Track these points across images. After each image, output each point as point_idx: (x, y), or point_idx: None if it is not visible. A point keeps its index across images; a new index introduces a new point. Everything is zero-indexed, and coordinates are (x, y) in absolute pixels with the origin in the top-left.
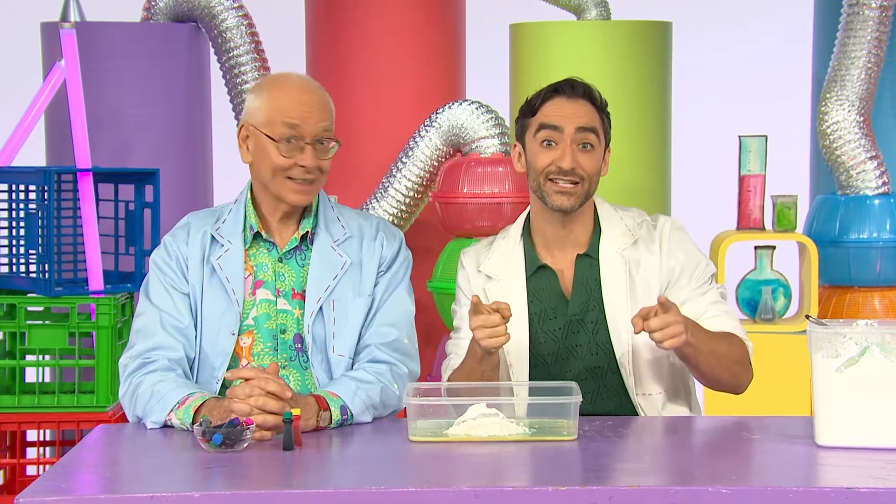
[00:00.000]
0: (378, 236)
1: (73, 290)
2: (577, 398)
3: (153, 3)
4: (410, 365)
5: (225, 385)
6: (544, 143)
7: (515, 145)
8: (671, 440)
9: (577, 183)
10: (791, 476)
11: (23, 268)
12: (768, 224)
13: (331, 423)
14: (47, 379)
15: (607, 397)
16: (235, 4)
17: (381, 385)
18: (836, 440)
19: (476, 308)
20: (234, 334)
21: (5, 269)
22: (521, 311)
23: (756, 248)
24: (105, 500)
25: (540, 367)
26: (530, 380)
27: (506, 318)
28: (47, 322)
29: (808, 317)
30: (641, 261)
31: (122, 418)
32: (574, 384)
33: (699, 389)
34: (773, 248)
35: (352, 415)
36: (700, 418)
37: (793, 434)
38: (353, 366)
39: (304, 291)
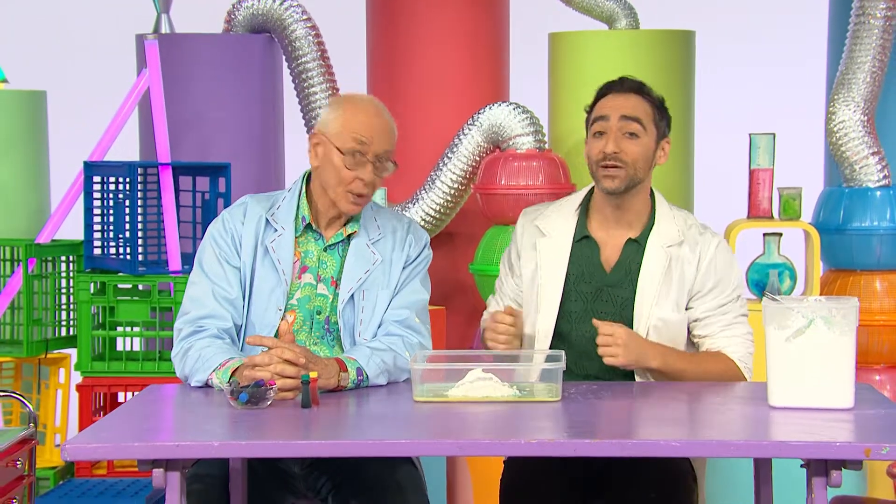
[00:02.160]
0: (408, 238)
1: (154, 270)
2: (561, 364)
3: (233, 17)
4: (419, 338)
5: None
6: (595, 135)
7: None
8: (643, 402)
9: (619, 167)
10: (739, 431)
11: (112, 250)
12: (776, 213)
13: (349, 383)
14: (135, 348)
15: (611, 368)
16: (304, 17)
17: (394, 353)
18: (786, 401)
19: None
20: (280, 310)
21: (98, 252)
22: (561, 267)
23: (764, 234)
24: (137, 447)
25: (566, 322)
26: (556, 331)
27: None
28: (135, 298)
29: (764, 293)
30: (682, 259)
31: None
32: (562, 352)
33: None
34: (780, 234)
35: (367, 376)
36: (674, 384)
37: (753, 397)
38: None
39: (339, 281)
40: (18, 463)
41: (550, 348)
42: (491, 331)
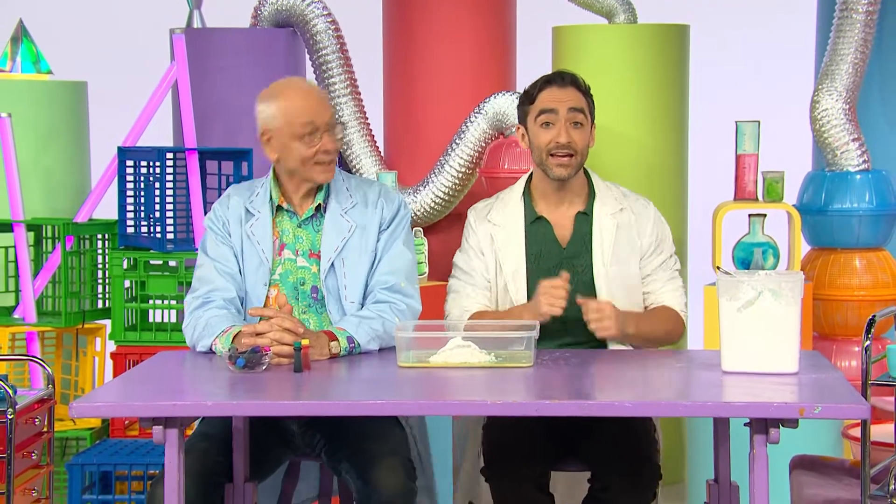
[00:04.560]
0: (378, 202)
1: (182, 247)
2: (534, 333)
3: (259, 12)
4: (408, 302)
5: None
6: (544, 125)
7: (518, 128)
8: (608, 367)
9: (571, 155)
10: (691, 394)
11: (144, 229)
12: (760, 195)
13: (340, 350)
14: (165, 319)
15: (584, 338)
16: (325, 12)
17: (382, 319)
18: (737, 366)
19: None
20: (265, 286)
21: (131, 230)
22: (520, 250)
23: (750, 215)
24: (138, 406)
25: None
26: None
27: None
28: (164, 273)
29: (717, 268)
30: (626, 224)
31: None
32: (536, 322)
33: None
34: (764, 215)
35: (358, 344)
36: (641, 351)
37: (708, 363)
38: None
39: (320, 252)
40: (37, 420)
41: None
42: (549, 296)
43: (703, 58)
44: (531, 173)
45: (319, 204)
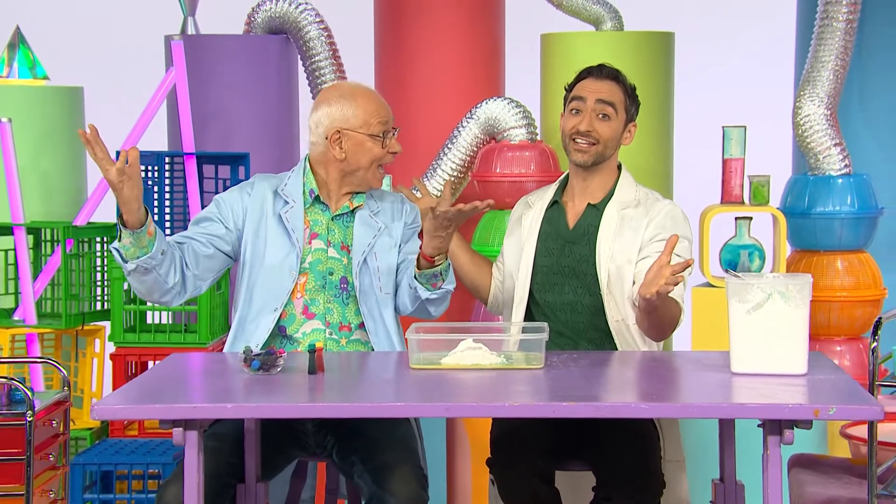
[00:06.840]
0: (404, 207)
1: None
2: (544, 335)
3: (253, 19)
4: None
5: (279, 323)
6: (572, 112)
7: (562, 116)
8: (618, 369)
9: (592, 144)
10: (703, 395)
11: None
12: (746, 199)
13: (443, 265)
14: (163, 321)
15: (581, 310)
16: (317, 19)
17: None
18: (747, 368)
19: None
20: (293, 273)
21: None
22: (536, 228)
23: (736, 218)
24: (159, 408)
25: (539, 275)
26: (532, 285)
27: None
28: None
29: (727, 271)
30: (633, 218)
31: (218, 349)
32: (545, 324)
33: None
34: (751, 218)
35: (444, 272)
36: (647, 353)
37: (717, 364)
38: (395, 297)
39: (350, 246)
40: (54, 422)
41: (527, 305)
42: None
43: (688, 64)
44: None
45: (360, 205)
